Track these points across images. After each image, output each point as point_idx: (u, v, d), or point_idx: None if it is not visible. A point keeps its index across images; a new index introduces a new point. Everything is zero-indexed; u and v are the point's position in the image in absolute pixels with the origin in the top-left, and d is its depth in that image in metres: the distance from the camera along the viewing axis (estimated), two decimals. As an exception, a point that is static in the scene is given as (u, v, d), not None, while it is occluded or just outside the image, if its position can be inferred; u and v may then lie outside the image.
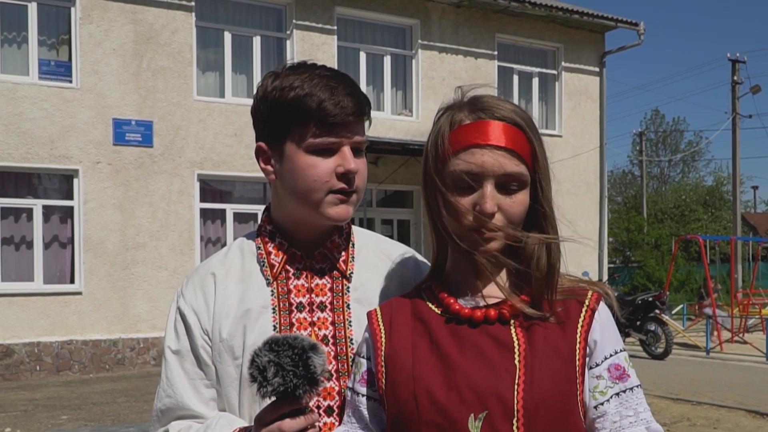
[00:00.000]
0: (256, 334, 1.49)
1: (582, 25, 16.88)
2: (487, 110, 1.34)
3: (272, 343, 1.27)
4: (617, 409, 1.33)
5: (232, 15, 13.70)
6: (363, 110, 1.48)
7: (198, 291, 1.56)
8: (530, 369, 1.29)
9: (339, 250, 1.57)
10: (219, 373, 1.52)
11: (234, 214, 13.57)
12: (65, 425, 8.10)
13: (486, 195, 1.31)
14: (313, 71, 1.47)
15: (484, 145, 1.32)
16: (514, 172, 1.32)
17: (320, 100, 1.42)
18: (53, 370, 11.76)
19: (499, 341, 1.32)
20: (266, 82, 1.50)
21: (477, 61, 15.78)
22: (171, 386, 1.53)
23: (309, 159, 1.45)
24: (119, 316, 12.35)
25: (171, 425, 1.54)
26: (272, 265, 1.54)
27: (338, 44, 14.41)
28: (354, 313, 1.54)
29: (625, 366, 1.35)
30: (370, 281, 1.57)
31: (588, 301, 1.36)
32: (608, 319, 1.38)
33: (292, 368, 1.24)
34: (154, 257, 12.63)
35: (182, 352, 1.54)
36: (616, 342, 1.37)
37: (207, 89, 13.49)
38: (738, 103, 26.42)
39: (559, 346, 1.32)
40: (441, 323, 1.37)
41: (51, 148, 11.98)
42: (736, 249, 19.99)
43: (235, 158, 13.37)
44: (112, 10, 12.43)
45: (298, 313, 1.52)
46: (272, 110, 1.47)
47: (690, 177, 46.75)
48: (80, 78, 12.20)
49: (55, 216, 12.25)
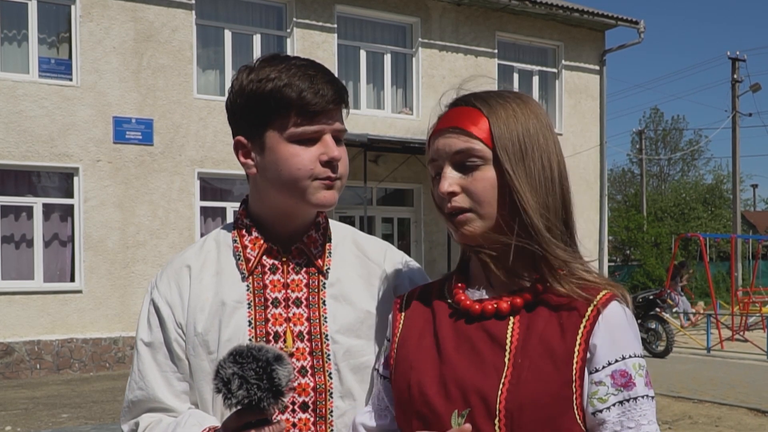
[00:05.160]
0: (231, 329, 1.48)
1: (582, 23, 16.88)
2: (451, 103, 1.38)
3: (236, 355, 1.26)
4: (618, 418, 1.25)
5: (232, 13, 13.69)
6: (342, 98, 1.48)
7: (173, 284, 1.55)
8: (518, 368, 1.25)
9: (316, 245, 1.56)
10: (193, 367, 1.51)
11: (234, 212, 13.51)
12: (66, 423, 8.10)
13: (444, 175, 1.32)
14: (289, 62, 1.46)
15: (438, 130, 1.36)
16: (463, 148, 1.31)
17: (300, 89, 1.42)
18: (53, 368, 11.75)
19: (492, 337, 1.29)
20: (241, 76, 1.48)
21: (477, 59, 15.77)
22: (143, 378, 1.52)
23: (291, 148, 1.45)
24: (119, 314, 12.34)
25: (141, 417, 1.53)
26: (248, 260, 1.53)
27: (338, 42, 14.40)
28: (330, 310, 1.52)
29: (632, 374, 1.26)
30: (346, 277, 1.56)
31: (596, 301, 1.29)
32: (619, 322, 1.29)
33: (256, 381, 1.24)
34: (154, 255, 12.62)
35: (155, 345, 1.53)
36: (626, 347, 1.27)
37: (207, 87, 13.48)
38: (738, 101, 26.44)
39: (555, 347, 1.26)
40: (446, 316, 1.36)
41: (51, 146, 11.96)
42: (736, 247, 19.98)
43: (235, 156, 13.31)
44: (113, 8, 12.41)
45: (273, 308, 1.50)
46: (250, 103, 1.46)
47: (690, 175, 46.77)
48: (80, 76, 12.19)
49: (56, 214, 12.24)
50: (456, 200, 1.31)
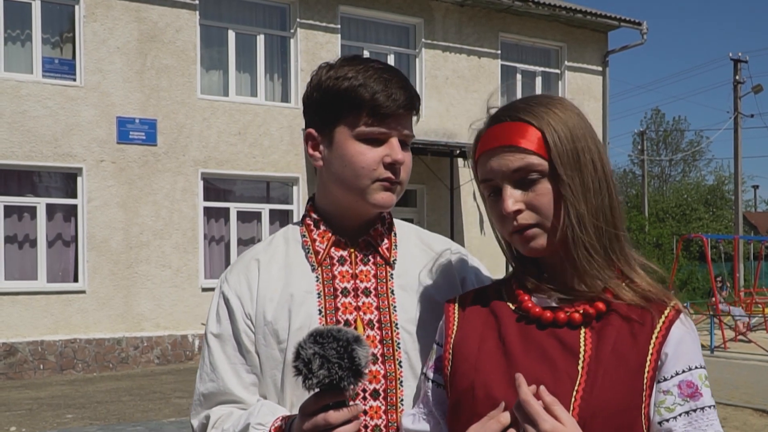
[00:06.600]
0: (301, 318, 1.52)
1: (585, 24, 16.87)
2: (493, 118, 1.37)
3: (317, 335, 1.26)
4: (685, 428, 1.27)
5: (236, 13, 13.67)
6: (413, 104, 1.52)
7: (242, 276, 1.59)
8: (593, 376, 1.25)
9: (382, 237, 1.60)
10: (262, 357, 1.53)
11: (238, 212, 13.55)
12: (70, 424, 8.09)
13: (503, 196, 1.32)
14: (368, 64, 1.52)
15: (488, 150, 1.34)
16: (521, 165, 1.30)
17: (374, 91, 1.47)
18: (57, 368, 11.74)
19: (564, 345, 1.30)
20: (321, 72, 1.54)
21: (480, 60, 15.76)
22: (214, 370, 1.55)
23: (358, 146, 1.49)
24: (123, 314, 12.33)
25: (213, 410, 1.55)
26: (317, 252, 1.57)
27: (342, 43, 14.39)
28: (398, 299, 1.56)
29: (698, 384, 1.29)
30: (413, 269, 1.60)
31: (668, 311, 1.32)
32: (687, 333, 1.31)
33: (337, 360, 1.24)
34: (157, 256, 12.61)
35: (224, 336, 1.56)
36: (693, 359, 1.30)
37: (211, 88, 13.47)
38: (740, 102, 26.40)
39: (628, 356, 1.27)
40: (512, 320, 1.36)
41: (55, 146, 11.96)
42: (738, 248, 19.97)
43: (239, 157, 13.35)
44: (116, 8, 12.41)
45: (343, 297, 1.54)
46: (326, 98, 1.51)
47: (691, 176, 46.77)
48: (84, 76, 12.18)
49: (59, 214, 12.23)
50: (522, 217, 1.32)
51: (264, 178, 13.71)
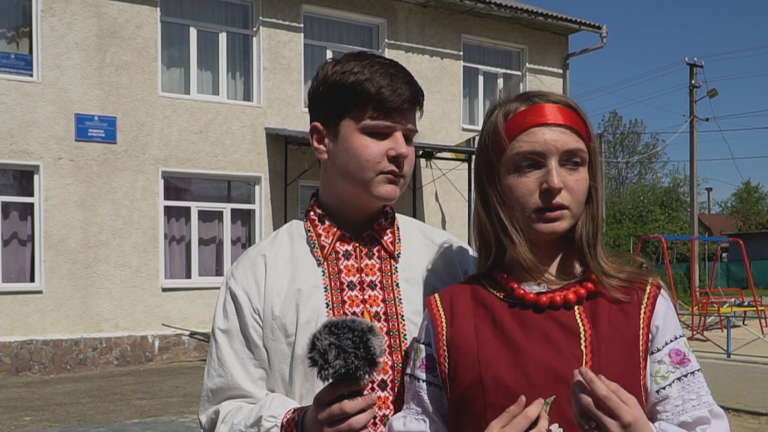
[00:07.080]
0: (309, 311, 1.54)
1: (546, 27, 17.05)
2: (540, 96, 1.40)
3: (331, 326, 1.28)
4: (679, 393, 1.35)
5: (197, 10, 13.53)
6: (417, 99, 1.57)
7: (248, 271, 1.61)
8: (597, 354, 1.31)
9: (385, 232, 1.64)
10: (271, 351, 1.55)
11: (199, 211, 13.40)
12: (29, 426, 7.90)
13: (552, 170, 1.34)
14: (373, 59, 1.56)
15: (543, 123, 1.36)
16: (576, 147, 1.36)
17: (380, 85, 1.50)
18: (12, 370, 11.48)
19: (564, 326, 1.34)
20: (327, 66, 1.57)
21: (443, 61, 15.83)
22: (222, 365, 1.57)
23: (363, 139, 1.53)
24: (81, 315, 12.10)
25: (221, 405, 1.56)
26: (322, 246, 1.59)
27: (305, 42, 14.33)
28: (403, 292, 1.59)
29: (685, 351, 1.38)
30: (417, 262, 1.63)
31: (649, 288, 1.39)
32: (668, 306, 1.41)
33: (353, 350, 1.26)
34: (117, 255, 12.41)
35: (231, 332, 1.58)
36: (676, 328, 1.40)
37: (172, 85, 13.31)
38: (695, 106, 26.93)
39: (624, 332, 1.34)
40: (505, 308, 1.38)
41: (10, 143, 11.69)
42: (695, 249, 20.34)
43: (200, 155, 13.20)
44: (75, 3, 12.18)
45: (349, 291, 1.56)
46: (332, 92, 1.54)
47: (647, 178, 47.56)
48: (41, 72, 11.94)
49: (15, 213, 11.96)
50: (561, 197, 1.35)
51: (225, 177, 13.59)
